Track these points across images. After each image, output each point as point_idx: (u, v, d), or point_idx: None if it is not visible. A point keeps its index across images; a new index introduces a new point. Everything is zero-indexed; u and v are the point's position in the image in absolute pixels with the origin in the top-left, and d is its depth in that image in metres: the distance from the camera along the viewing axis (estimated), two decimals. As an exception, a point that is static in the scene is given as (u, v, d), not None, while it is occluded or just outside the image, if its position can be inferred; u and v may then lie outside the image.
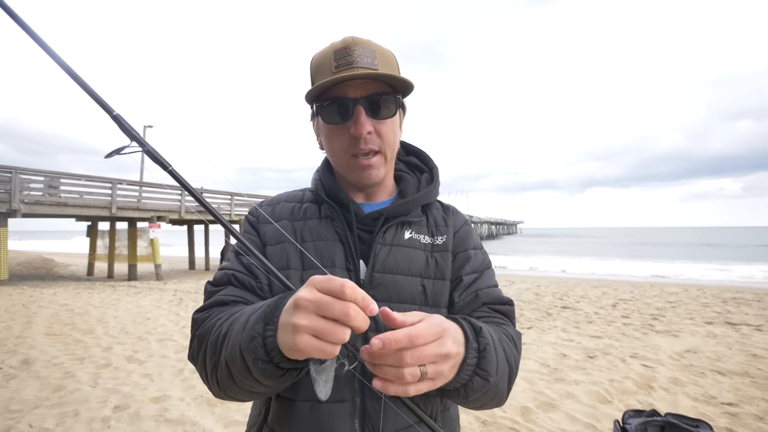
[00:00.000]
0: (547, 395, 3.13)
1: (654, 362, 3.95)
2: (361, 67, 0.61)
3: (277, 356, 0.47)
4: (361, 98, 0.62)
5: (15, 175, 10.27)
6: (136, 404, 2.98)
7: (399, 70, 0.69)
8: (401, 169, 0.78)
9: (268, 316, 0.48)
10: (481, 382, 0.54)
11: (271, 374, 0.49)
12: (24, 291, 9.00)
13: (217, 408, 2.95)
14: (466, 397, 0.55)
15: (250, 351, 0.48)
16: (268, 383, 0.51)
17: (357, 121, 0.62)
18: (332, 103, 0.63)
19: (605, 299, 8.01)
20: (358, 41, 0.63)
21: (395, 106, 0.66)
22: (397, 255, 0.67)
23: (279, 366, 0.48)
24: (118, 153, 0.56)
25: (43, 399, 3.07)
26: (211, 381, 0.58)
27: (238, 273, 0.67)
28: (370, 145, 0.64)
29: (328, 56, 0.63)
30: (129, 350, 4.40)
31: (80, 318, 6.10)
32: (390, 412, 0.61)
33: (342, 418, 0.61)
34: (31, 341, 4.72)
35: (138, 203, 13.08)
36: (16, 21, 0.54)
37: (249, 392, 0.55)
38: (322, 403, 0.60)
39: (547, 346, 4.48)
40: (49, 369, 3.76)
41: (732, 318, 6.05)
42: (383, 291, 0.65)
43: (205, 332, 0.59)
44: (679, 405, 2.96)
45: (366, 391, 0.62)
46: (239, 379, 0.52)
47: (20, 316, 6.19)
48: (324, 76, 0.63)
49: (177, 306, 7.29)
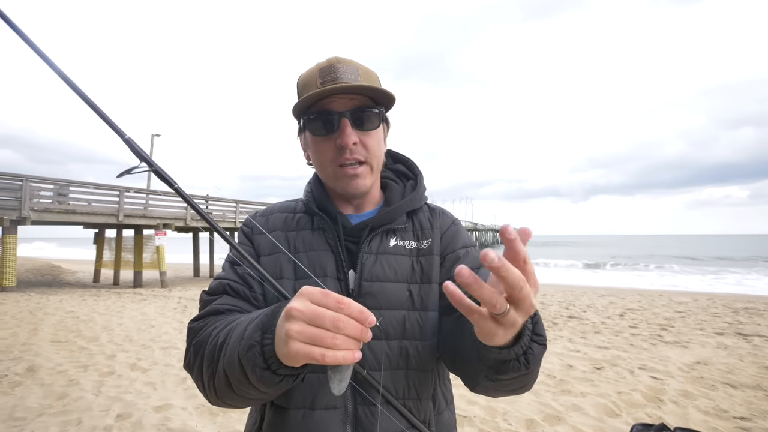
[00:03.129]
0: (553, 407, 3.07)
1: (663, 374, 3.86)
2: (346, 83, 0.65)
3: (275, 363, 0.48)
4: (346, 111, 0.66)
5: (25, 183, 10.47)
6: (139, 413, 2.98)
7: (380, 86, 0.72)
8: (388, 177, 0.80)
9: (266, 325, 0.49)
10: (539, 348, 0.52)
11: (269, 381, 0.49)
12: (31, 297, 9.09)
13: (219, 417, 2.93)
14: (527, 366, 0.51)
15: (249, 359, 0.49)
16: (265, 390, 0.52)
17: (343, 132, 0.65)
18: (319, 116, 0.66)
19: (612, 309, 7.88)
20: (342, 60, 0.67)
21: (378, 118, 0.69)
22: (384, 263, 0.69)
23: (277, 372, 0.49)
24: (129, 173, 0.61)
25: (46, 407, 3.08)
26: (208, 389, 0.58)
27: (233, 282, 0.68)
28: (355, 155, 0.67)
29: (314, 74, 0.67)
30: (133, 358, 4.41)
31: (85, 325, 6.14)
32: (382, 417, 0.62)
33: (334, 425, 0.62)
34: (37, 348, 4.75)
35: (144, 211, 13.23)
36: (35, 51, 0.59)
37: (246, 399, 0.56)
38: (314, 410, 0.63)
39: (553, 357, 4.40)
40: (54, 376, 3.77)
41: (743, 329, 5.92)
42: (372, 298, 0.66)
43: (202, 341, 0.60)
44: (689, 419, 2.89)
45: (358, 397, 0.63)
46: (237, 386, 0.53)
47: (26, 322, 6.24)
48: (310, 91, 0.66)
49: (181, 314, 7.31)
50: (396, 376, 0.65)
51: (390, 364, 0.65)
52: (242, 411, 3.02)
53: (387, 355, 0.65)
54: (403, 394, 0.65)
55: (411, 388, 0.65)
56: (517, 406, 3.11)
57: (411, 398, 0.65)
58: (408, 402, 0.65)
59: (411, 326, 0.67)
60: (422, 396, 0.66)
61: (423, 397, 0.66)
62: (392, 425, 0.62)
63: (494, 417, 2.92)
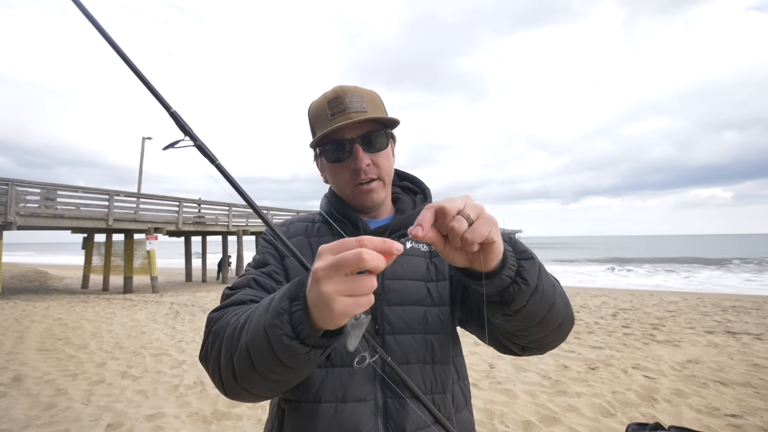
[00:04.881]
0: (550, 408, 3.08)
1: (656, 373, 3.91)
2: (353, 112, 0.72)
3: (304, 331, 0.47)
4: (356, 137, 0.73)
5: (11, 188, 10.22)
6: (130, 422, 2.91)
7: (384, 106, 0.79)
8: (397, 192, 0.88)
9: (294, 293, 0.49)
10: (528, 262, 0.55)
11: (297, 352, 0.48)
12: (17, 305, 8.86)
13: (213, 426, 2.88)
14: (526, 282, 0.54)
15: (275, 327, 0.48)
16: (291, 364, 0.51)
17: (356, 157, 0.73)
18: (333, 146, 0.74)
19: (605, 309, 7.98)
20: (347, 89, 0.74)
21: (386, 138, 0.76)
22: (403, 263, 0.74)
23: (305, 342, 0.48)
24: (173, 146, 0.62)
25: (33, 417, 2.99)
26: (225, 373, 0.57)
27: (258, 277, 0.72)
28: (369, 174, 0.74)
29: (323, 106, 0.74)
30: (123, 366, 4.31)
31: (74, 332, 6.00)
32: (410, 410, 0.64)
33: (366, 418, 0.64)
34: (23, 357, 4.62)
35: (135, 215, 13.02)
36: (88, 17, 0.63)
37: (267, 381, 0.55)
38: (346, 402, 0.65)
39: (548, 357, 4.43)
40: (41, 386, 3.67)
41: (732, 327, 6.04)
42: (395, 295, 0.71)
43: (221, 327, 0.60)
44: (682, 417, 2.92)
45: (387, 390, 0.66)
46: (260, 363, 0.52)
47: (12, 330, 6.07)
48: (322, 123, 0.74)
49: (173, 319, 7.19)
50: (424, 370, 0.68)
51: (417, 358, 0.69)
52: (238, 418, 2.98)
53: (413, 348, 0.69)
54: (431, 388, 0.68)
55: (437, 381, 0.69)
56: (513, 407, 3.12)
57: (437, 392, 0.68)
58: (435, 396, 0.68)
59: (433, 321, 0.72)
60: (446, 389, 0.70)
61: (446, 390, 0.70)
62: (420, 419, 0.65)
63: (491, 419, 2.92)
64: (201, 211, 15.57)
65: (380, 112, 0.75)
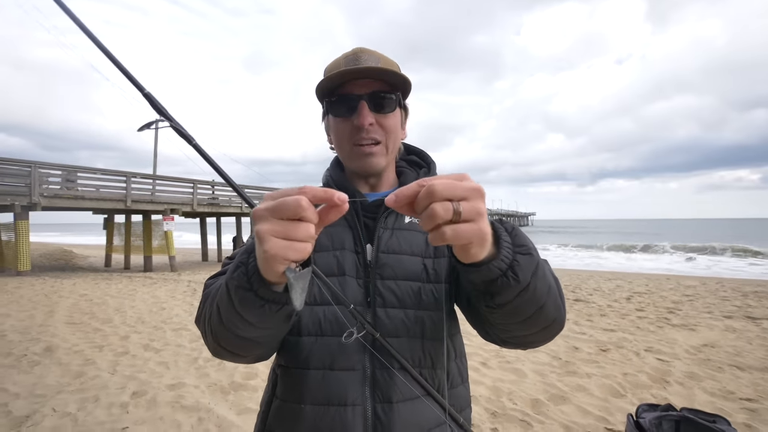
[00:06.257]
0: (559, 388, 3.10)
1: (670, 356, 3.87)
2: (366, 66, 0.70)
3: (257, 282, 0.48)
4: (364, 94, 0.70)
5: (34, 170, 10.57)
6: (153, 391, 3.07)
7: None
8: (402, 166, 0.84)
9: (251, 247, 0.51)
10: (525, 257, 0.50)
11: (251, 304, 0.50)
12: (46, 281, 9.33)
13: (231, 396, 3.01)
14: (517, 279, 0.50)
15: (233, 280, 0.50)
16: (250, 319, 0.52)
17: (360, 113, 0.70)
18: (339, 99, 0.72)
19: (619, 292, 7.87)
20: (365, 50, 0.72)
21: (395, 102, 0.73)
22: (399, 237, 0.73)
23: (258, 294, 0.49)
24: (149, 127, 0.62)
25: (65, 384, 3.19)
26: (207, 334, 0.60)
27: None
28: (372, 134, 0.71)
29: (339, 61, 0.73)
30: (146, 339, 4.53)
31: (99, 308, 6.30)
32: (398, 381, 0.65)
33: (353, 386, 0.65)
34: (53, 329, 4.89)
35: (152, 196, 13.34)
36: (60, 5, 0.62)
37: (236, 337, 0.56)
38: (333, 370, 0.65)
39: (559, 339, 4.42)
40: (71, 356, 3.90)
41: (753, 312, 5.88)
42: (389, 269, 0.70)
43: (210, 290, 0.64)
44: (695, 400, 2.90)
45: (375, 361, 0.66)
46: (226, 317, 0.54)
47: (42, 305, 6.42)
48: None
49: (191, 296, 7.46)
50: (413, 344, 0.68)
51: (408, 332, 0.68)
52: (254, 389, 3.11)
53: (404, 323, 0.68)
54: (419, 362, 0.68)
55: (426, 356, 0.69)
56: (522, 386, 3.15)
57: (426, 366, 0.68)
58: (423, 370, 0.68)
59: (426, 297, 0.70)
60: (436, 365, 0.69)
61: (437, 367, 0.70)
62: (408, 390, 0.65)
63: (499, 397, 2.96)
64: (215, 193, 15.84)
65: None
